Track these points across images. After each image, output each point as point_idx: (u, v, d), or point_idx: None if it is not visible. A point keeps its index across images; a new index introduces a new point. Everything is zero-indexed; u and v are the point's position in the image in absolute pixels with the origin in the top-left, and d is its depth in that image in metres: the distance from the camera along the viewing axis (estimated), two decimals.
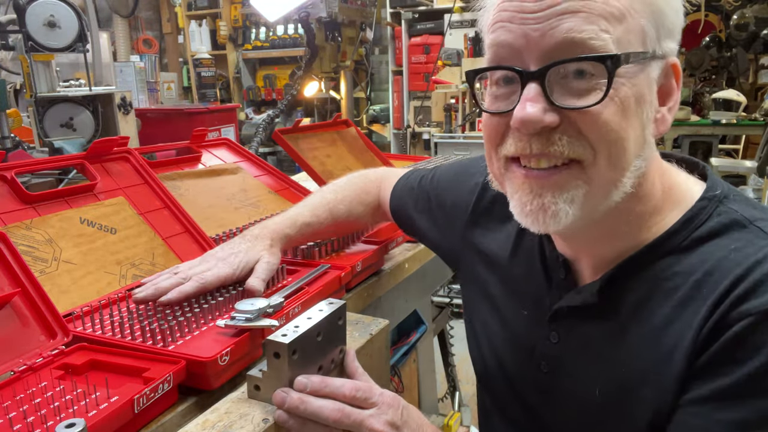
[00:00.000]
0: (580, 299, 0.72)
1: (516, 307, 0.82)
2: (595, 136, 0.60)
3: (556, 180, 0.63)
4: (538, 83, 0.60)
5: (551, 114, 0.60)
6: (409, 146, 4.85)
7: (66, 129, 2.59)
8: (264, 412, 0.69)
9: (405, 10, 5.11)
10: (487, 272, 0.89)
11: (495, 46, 0.63)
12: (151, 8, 6.76)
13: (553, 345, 0.76)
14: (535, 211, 0.64)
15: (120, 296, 0.90)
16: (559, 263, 0.76)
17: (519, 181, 0.65)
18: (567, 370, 0.75)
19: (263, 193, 1.46)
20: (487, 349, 0.87)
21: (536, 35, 0.59)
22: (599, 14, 0.58)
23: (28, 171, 1.08)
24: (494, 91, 0.66)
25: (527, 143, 0.62)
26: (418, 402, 1.84)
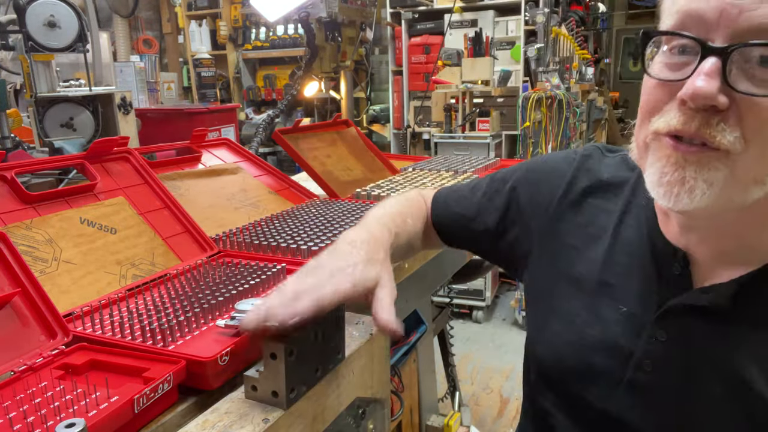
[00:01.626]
0: (708, 299, 0.69)
1: (611, 303, 0.78)
2: (754, 129, 0.58)
3: (701, 157, 0.60)
4: (720, 60, 0.57)
5: (723, 96, 0.58)
6: (409, 146, 4.85)
7: (66, 129, 2.59)
8: (264, 412, 0.69)
9: (405, 10, 5.11)
10: (572, 266, 0.84)
11: (684, 12, 0.60)
12: (151, 8, 6.76)
13: (661, 343, 0.72)
14: (673, 183, 0.62)
15: (120, 296, 0.90)
16: (676, 257, 0.73)
17: (666, 151, 0.63)
18: (677, 370, 0.71)
19: (263, 193, 1.46)
20: (566, 345, 0.81)
21: (734, 12, 0.56)
22: None
23: (28, 171, 1.08)
24: (665, 59, 0.63)
25: (690, 118, 0.60)
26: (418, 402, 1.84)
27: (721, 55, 0.57)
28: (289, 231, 1.20)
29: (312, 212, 1.36)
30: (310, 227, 1.22)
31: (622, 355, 0.75)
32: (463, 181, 1.69)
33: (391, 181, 1.71)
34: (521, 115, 3.58)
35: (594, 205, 0.85)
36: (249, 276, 0.96)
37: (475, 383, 3.09)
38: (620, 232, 0.80)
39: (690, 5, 0.59)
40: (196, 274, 1.00)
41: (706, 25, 0.58)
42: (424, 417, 1.86)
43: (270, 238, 1.16)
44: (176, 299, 0.88)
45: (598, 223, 0.83)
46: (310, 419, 0.75)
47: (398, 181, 1.70)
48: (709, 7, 0.58)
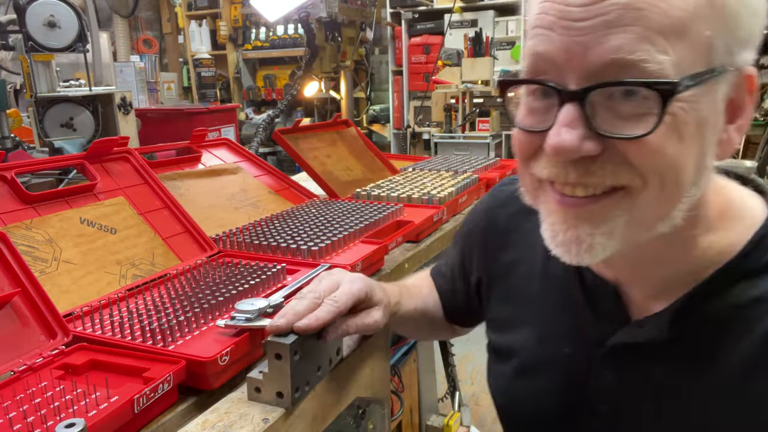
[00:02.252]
0: (645, 335, 0.64)
1: (554, 345, 0.73)
2: (646, 166, 0.52)
3: (594, 210, 0.55)
4: (578, 105, 0.51)
5: (591, 142, 0.52)
6: (409, 146, 4.85)
7: (66, 129, 2.59)
8: (264, 412, 0.69)
9: (405, 10, 5.12)
10: (512, 308, 0.81)
11: (533, 55, 0.55)
12: (151, 8, 6.77)
13: (611, 384, 0.67)
14: (568, 243, 0.57)
15: (120, 296, 0.90)
16: (607, 291, 0.67)
17: (552, 206, 0.58)
18: (631, 414, 0.66)
19: (263, 193, 1.46)
20: (517, 391, 0.78)
21: (579, 50, 0.50)
22: (657, 29, 0.49)
23: (28, 171, 1.08)
24: (530, 103, 0.57)
25: (563, 170, 0.54)
26: (418, 402, 1.84)
27: (578, 100, 0.51)
28: (289, 231, 1.20)
29: (312, 212, 1.36)
30: (310, 227, 1.22)
31: (574, 400, 0.70)
32: (462, 180, 1.69)
33: (391, 181, 1.71)
34: None
35: (517, 239, 0.79)
36: (249, 276, 0.96)
37: (475, 383, 3.09)
38: (548, 268, 0.75)
39: (536, 48, 0.54)
40: (196, 274, 0.99)
41: (558, 68, 0.52)
42: (424, 417, 1.86)
43: (270, 238, 1.16)
44: (176, 299, 0.88)
45: (526, 257, 0.78)
46: (310, 419, 0.75)
47: (398, 181, 1.70)
48: (554, 48, 0.52)
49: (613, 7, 0.49)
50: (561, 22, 0.51)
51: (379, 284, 0.82)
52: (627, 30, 0.49)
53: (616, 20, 0.49)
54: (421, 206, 1.48)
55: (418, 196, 1.52)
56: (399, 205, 1.41)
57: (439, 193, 1.52)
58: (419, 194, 1.53)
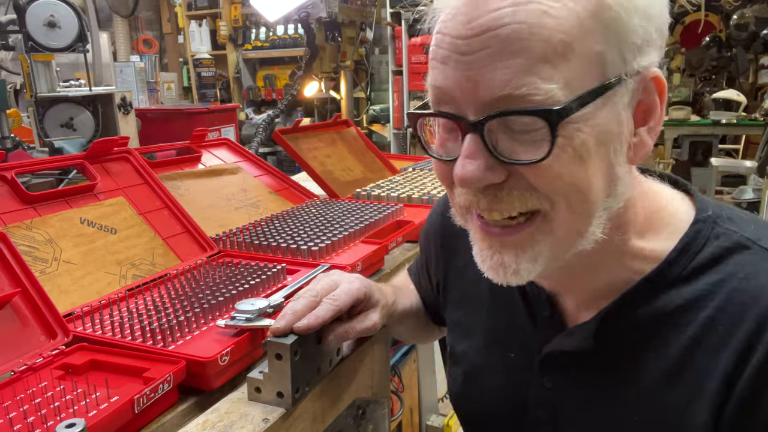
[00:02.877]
0: (574, 343, 0.64)
1: (500, 349, 0.74)
2: (548, 190, 0.53)
3: (515, 240, 0.56)
4: (478, 136, 0.52)
5: (494, 170, 0.53)
6: (409, 146, 4.86)
7: (66, 129, 2.59)
8: (264, 412, 0.69)
9: (405, 10, 5.11)
10: (463, 313, 0.82)
11: (435, 88, 0.55)
12: (151, 8, 6.76)
13: (548, 391, 0.68)
14: (495, 267, 0.58)
15: (120, 296, 0.90)
16: (542, 299, 0.69)
17: (478, 234, 0.60)
18: (566, 420, 0.67)
19: (263, 193, 1.46)
20: (473, 399, 0.79)
21: (470, 85, 0.51)
22: (540, 57, 0.49)
23: (28, 171, 1.08)
24: (441, 133, 0.59)
25: (474, 197, 0.56)
26: (418, 402, 1.84)
27: (477, 131, 0.52)
28: (289, 231, 1.20)
29: (312, 212, 1.36)
30: (310, 227, 1.22)
31: (518, 404, 0.71)
32: None
33: (391, 181, 1.71)
34: None
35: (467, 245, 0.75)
36: (249, 276, 0.96)
37: None
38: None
39: (434, 81, 0.55)
40: (196, 274, 0.99)
41: (456, 101, 0.53)
42: (424, 417, 1.86)
43: (270, 238, 1.16)
44: (176, 299, 0.88)
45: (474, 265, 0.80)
46: (310, 419, 0.75)
47: (398, 181, 1.70)
48: (448, 82, 0.53)
49: (495, 40, 0.49)
50: (453, 56, 0.52)
51: (377, 285, 0.82)
52: (510, 64, 0.49)
53: (499, 53, 0.49)
54: (421, 206, 1.48)
55: (418, 196, 1.52)
56: (399, 205, 1.41)
57: (439, 193, 1.52)
58: (419, 194, 1.53)
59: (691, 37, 4.74)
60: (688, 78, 4.58)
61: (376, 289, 0.80)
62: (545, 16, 0.49)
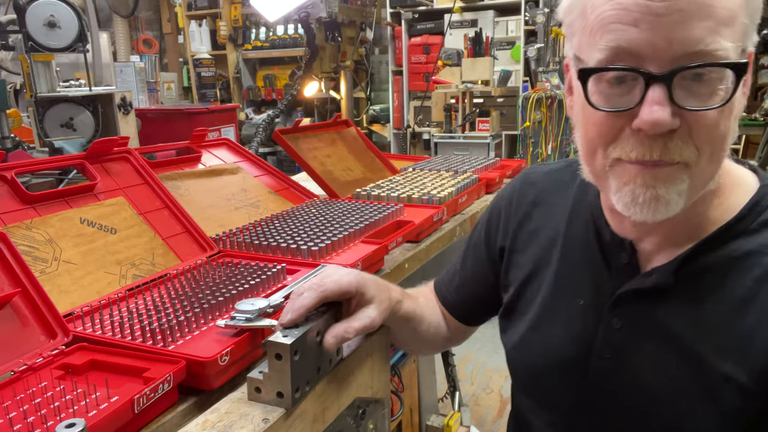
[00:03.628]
0: (653, 281, 0.74)
1: (569, 298, 0.83)
2: (704, 139, 0.63)
3: (667, 173, 0.65)
4: (665, 86, 0.61)
5: (675, 117, 0.62)
6: (409, 146, 4.86)
7: (66, 129, 2.59)
8: (264, 412, 0.69)
9: (405, 10, 5.11)
10: (532, 270, 0.89)
11: (614, 48, 0.63)
12: (151, 8, 6.76)
13: (616, 330, 0.77)
14: (648, 201, 0.66)
15: (120, 296, 0.90)
16: (624, 247, 0.78)
17: (631, 174, 0.67)
18: (633, 354, 0.75)
19: (263, 193, 1.46)
20: (536, 347, 0.86)
21: (664, 43, 0.60)
22: (721, 21, 0.60)
23: (28, 171, 1.08)
24: (604, 89, 0.66)
25: (648, 148, 0.64)
26: (418, 402, 1.84)
27: (665, 82, 0.61)
28: (289, 231, 1.20)
29: (312, 212, 1.36)
30: (310, 227, 1.22)
31: (583, 347, 0.79)
32: (462, 180, 1.69)
33: (391, 181, 1.71)
34: (521, 115, 3.58)
35: (543, 211, 0.91)
36: (249, 276, 0.96)
37: (475, 383, 3.09)
38: (570, 230, 0.86)
39: (619, 42, 0.62)
40: (196, 274, 1.00)
41: (640, 57, 0.62)
42: (424, 417, 1.86)
43: (270, 238, 1.16)
44: (176, 299, 0.88)
45: (549, 226, 0.89)
46: (310, 419, 0.75)
47: (398, 181, 1.70)
48: (638, 42, 0.61)
49: (690, 4, 0.59)
50: (645, 18, 0.60)
51: (375, 279, 0.84)
52: (702, 25, 0.59)
53: (692, 16, 0.59)
54: (421, 206, 1.48)
55: (418, 196, 1.52)
56: (399, 205, 1.41)
57: (439, 193, 1.52)
58: (419, 194, 1.53)
59: None
60: None
61: (373, 285, 0.82)
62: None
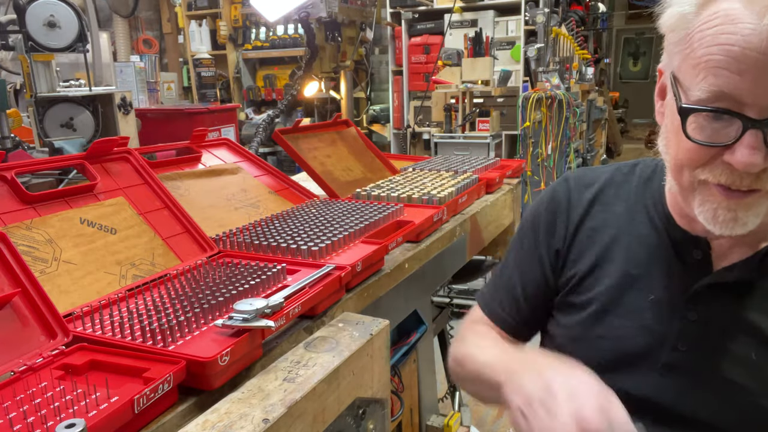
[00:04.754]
0: (735, 275, 0.80)
1: (637, 293, 0.86)
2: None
3: (748, 201, 0.73)
4: (761, 132, 0.68)
5: (766, 158, 0.69)
6: (409, 146, 4.85)
7: (66, 129, 2.60)
8: (264, 412, 0.69)
9: (405, 10, 5.11)
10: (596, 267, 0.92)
11: (717, 91, 0.68)
12: (151, 8, 6.76)
13: (692, 323, 0.81)
14: (727, 221, 0.74)
15: (120, 296, 0.90)
16: (698, 244, 0.83)
17: (718, 197, 0.74)
18: (710, 346, 0.80)
19: (263, 193, 1.46)
20: (600, 339, 0.88)
21: (761, 91, 0.66)
22: None
23: (28, 171, 1.08)
24: (701, 123, 0.72)
25: (738, 177, 0.71)
26: (418, 402, 1.84)
27: (762, 128, 0.68)
28: (289, 231, 1.20)
29: (312, 212, 1.36)
30: (310, 227, 1.22)
31: (656, 340, 0.84)
32: (462, 180, 1.69)
33: (391, 181, 1.71)
34: (521, 115, 3.58)
35: (601, 210, 0.95)
36: (249, 276, 0.96)
37: None
38: (633, 229, 0.90)
39: (722, 88, 0.68)
40: (196, 274, 1.00)
41: (740, 102, 0.68)
42: (424, 417, 1.86)
43: (270, 238, 1.16)
44: (176, 299, 0.88)
45: (609, 224, 0.93)
46: (310, 419, 0.75)
47: (398, 181, 1.71)
48: (741, 92, 0.67)
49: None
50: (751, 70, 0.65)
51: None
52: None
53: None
54: (421, 206, 1.48)
55: (418, 196, 1.52)
56: (399, 205, 1.41)
57: (439, 193, 1.52)
58: (419, 194, 1.53)
59: None
60: None
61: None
62: None
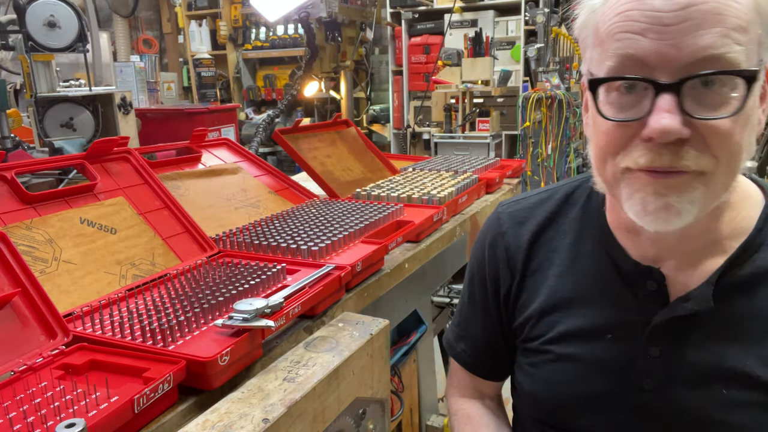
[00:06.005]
0: (692, 307, 0.72)
1: (595, 334, 0.79)
2: (720, 148, 0.62)
3: (679, 182, 0.64)
4: (674, 95, 0.61)
5: (685, 126, 0.62)
6: (409, 146, 4.86)
7: (66, 129, 2.60)
8: (264, 412, 0.69)
9: (405, 10, 5.11)
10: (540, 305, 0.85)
11: (622, 56, 0.63)
12: (151, 8, 6.76)
13: (656, 359, 0.74)
14: (658, 210, 0.65)
15: (120, 296, 0.90)
16: (651, 275, 0.75)
17: (642, 182, 0.66)
18: (679, 379, 0.73)
19: (263, 193, 1.46)
20: (564, 386, 0.82)
21: (673, 51, 0.60)
22: (732, 27, 0.59)
23: (28, 171, 1.08)
24: (614, 99, 0.66)
25: (658, 155, 0.63)
26: (418, 402, 1.84)
27: (674, 91, 0.61)
28: (289, 231, 1.20)
29: (312, 212, 1.36)
30: (310, 227, 1.22)
31: (620, 381, 0.77)
32: (462, 180, 1.69)
33: (391, 181, 1.71)
34: (521, 115, 3.58)
35: (544, 250, 0.87)
36: (249, 276, 0.96)
37: None
38: (581, 265, 0.82)
39: (628, 50, 0.62)
40: (196, 274, 1.00)
41: (648, 66, 0.62)
42: (424, 417, 1.86)
43: (270, 238, 1.16)
44: (176, 299, 0.88)
45: (555, 263, 0.85)
46: (310, 419, 0.75)
47: (398, 181, 1.70)
48: (645, 51, 0.61)
49: (698, 12, 0.59)
50: (653, 28, 0.60)
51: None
52: (712, 31, 0.59)
53: (701, 23, 0.59)
54: (421, 206, 1.48)
55: (418, 196, 1.52)
56: (399, 205, 1.41)
57: (439, 193, 1.52)
58: (419, 194, 1.53)
59: None
60: None
61: None
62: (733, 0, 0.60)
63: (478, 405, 1.00)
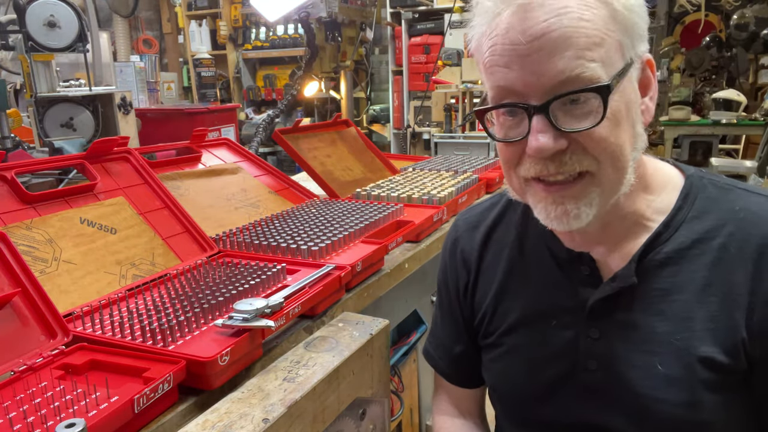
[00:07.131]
0: (617, 286, 0.77)
1: (540, 321, 0.84)
2: (598, 151, 0.69)
3: (573, 191, 0.72)
4: (544, 115, 0.68)
5: (560, 139, 0.69)
6: (409, 146, 4.86)
7: (66, 129, 2.60)
8: (264, 412, 0.69)
9: (405, 10, 5.12)
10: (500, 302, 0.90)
11: (498, 87, 0.71)
12: (151, 8, 6.76)
13: (596, 341, 0.79)
14: (560, 216, 0.73)
15: (120, 296, 0.90)
16: (583, 260, 0.81)
17: (541, 194, 0.74)
18: (619, 358, 0.77)
19: (263, 193, 1.46)
20: (517, 373, 0.86)
21: (534, 79, 0.67)
22: (584, 47, 0.66)
23: (28, 171, 1.08)
24: (503, 121, 0.74)
25: (544, 166, 0.71)
26: (418, 402, 1.84)
27: (543, 111, 0.68)
28: (289, 231, 1.20)
29: (312, 212, 1.36)
30: (310, 227, 1.22)
31: (567, 365, 0.81)
32: (462, 180, 1.69)
33: (391, 181, 1.71)
34: None
35: (493, 248, 0.93)
36: (249, 276, 0.96)
37: None
38: (525, 259, 0.89)
39: (499, 83, 0.70)
40: (196, 274, 1.00)
41: (519, 93, 0.69)
42: (424, 417, 1.86)
43: (270, 238, 1.16)
44: (176, 299, 0.88)
45: (503, 258, 0.91)
46: (310, 419, 0.75)
47: (398, 181, 1.70)
48: (512, 81, 0.69)
49: (549, 41, 0.66)
50: (515, 60, 0.68)
51: None
52: (564, 55, 0.66)
53: (554, 50, 0.66)
54: (421, 206, 1.48)
55: (418, 196, 1.52)
56: (399, 205, 1.41)
57: (439, 193, 1.52)
58: (419, 194, 1.53)
59: (691, 37, 4.74)
60: (688, 78, 4.58)
61: None
62: (581, 20, 0.66)
63: (459, 424, 1.02)
